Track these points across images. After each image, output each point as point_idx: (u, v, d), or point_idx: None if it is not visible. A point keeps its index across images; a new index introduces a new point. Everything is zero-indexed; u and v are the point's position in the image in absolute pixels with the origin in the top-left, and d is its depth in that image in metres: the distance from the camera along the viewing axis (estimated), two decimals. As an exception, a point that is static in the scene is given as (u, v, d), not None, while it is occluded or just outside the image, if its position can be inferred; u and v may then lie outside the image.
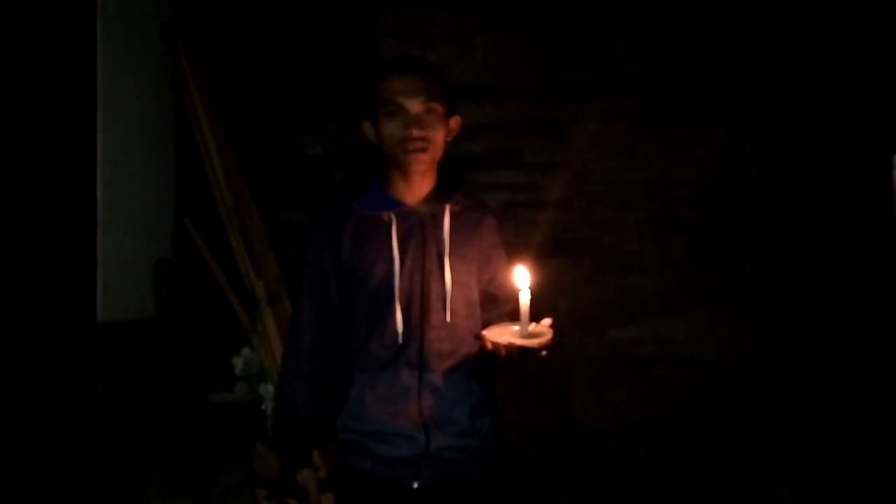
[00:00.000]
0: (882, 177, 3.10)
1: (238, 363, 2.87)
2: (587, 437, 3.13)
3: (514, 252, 1.95)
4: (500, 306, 1.88)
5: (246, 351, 2.87)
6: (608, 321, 3.15)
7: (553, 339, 1.64)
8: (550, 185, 3.17)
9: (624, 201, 3.18)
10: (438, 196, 1.84)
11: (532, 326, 1.65)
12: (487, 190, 3.03)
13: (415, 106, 1.76)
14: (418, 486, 1.75)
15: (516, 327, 1.65)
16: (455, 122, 1.85)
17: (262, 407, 2.81)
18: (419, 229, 1.80)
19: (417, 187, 1.83)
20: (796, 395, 3.08)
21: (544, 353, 1.64)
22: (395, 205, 1.81)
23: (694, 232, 3.16)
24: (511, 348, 1.63)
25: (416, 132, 1.75)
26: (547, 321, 1.68)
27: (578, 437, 3.13)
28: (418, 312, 1.77)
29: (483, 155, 3.16)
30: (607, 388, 3.15)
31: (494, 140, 3.17)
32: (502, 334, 1.66)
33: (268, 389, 2.81)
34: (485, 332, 1.69)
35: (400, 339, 1.76)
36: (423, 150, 1.77)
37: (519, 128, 3.20)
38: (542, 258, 2.99)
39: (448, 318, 1.78)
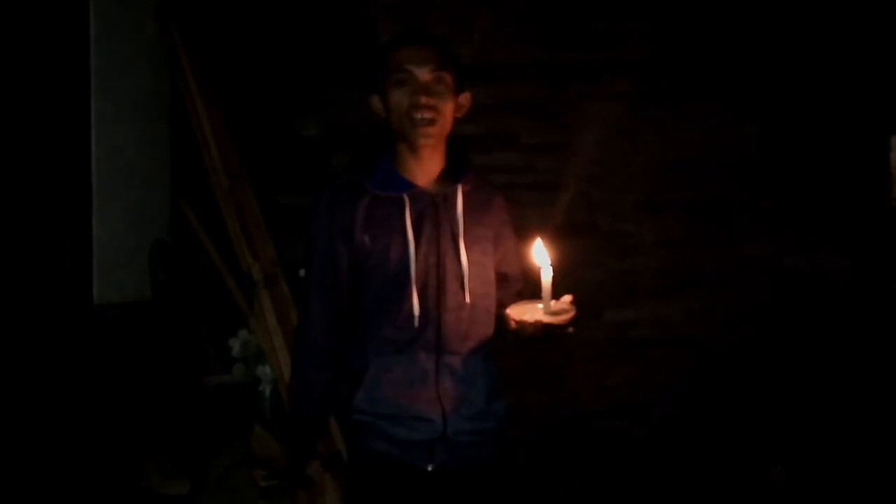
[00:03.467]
0: (879, 159, 3.10)
1: (235, 345, 2.87)
2: (584, 419, 3.14)
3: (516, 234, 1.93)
4: (510, 285, 1.85)
5: (243, 333, 2.86)
6: (605, 303, 3.15)
7: (577, 315, 1.62)
8: (548, 168, 3.17)
9: (621, 183, 3.17)
10: (449, 176, 1.80)
11: (554, 304, 1.62)
12: (484, 172, 3.00)
13: (424, 74, 1.71)
14: (432, 469, 1.74)
15: (539, 305, 1.61)
16: (465, 98, 1.80)
17: (260, 388, 2.82)
18: (432, 210, 1.75)
19: (428, 167, 1.78)
20: (792, 378, 3.09)
21: (571, 329, 1.62)
22: (407, 186, 1.76)
23: (691, 214, 3.16)
24: (539, 326, 1.60)
25: (424, 100, 1.70)
26: (568, 298, 1.65)
27: (576, 419, 3.14)
28: (434, 295, 1.73)
29: (480, 136, 3.13)
30: (604, 371, 3.15)
31: (492, 122, 3.15)
32: (525, 312, 1.63)
33: (265, 371, 2.80)
34: (509, 311, 1.67)
35: (416, 323, 1.72)
36: (432, 121, 1.71)
37: (516, 110, 3.18)
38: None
39: (467, 299, 1.74)
